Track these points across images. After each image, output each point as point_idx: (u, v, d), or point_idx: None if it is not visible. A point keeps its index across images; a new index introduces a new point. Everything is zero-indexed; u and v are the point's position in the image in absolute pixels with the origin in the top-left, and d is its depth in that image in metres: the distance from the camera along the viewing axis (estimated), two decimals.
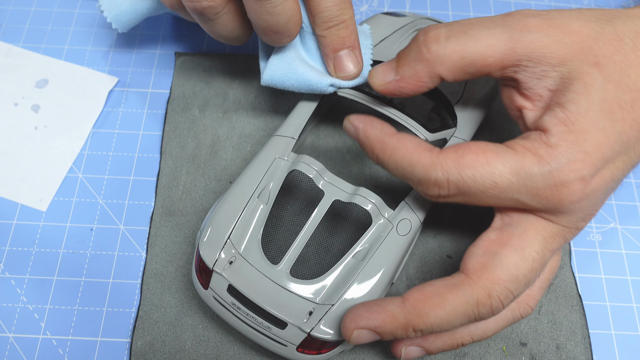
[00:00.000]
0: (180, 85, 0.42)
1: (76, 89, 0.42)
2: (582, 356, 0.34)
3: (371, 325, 0.27)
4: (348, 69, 0.33)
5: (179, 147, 0.39)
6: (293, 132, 0.34)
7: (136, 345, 0.33)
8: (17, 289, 0.35)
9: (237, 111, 0.41)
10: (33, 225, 0.37)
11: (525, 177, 0.26)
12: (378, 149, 0.28)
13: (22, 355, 0.33)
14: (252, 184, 0.32)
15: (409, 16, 0.39)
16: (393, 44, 0.36)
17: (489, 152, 0.26)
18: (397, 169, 0.28)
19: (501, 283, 0.26)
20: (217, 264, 0.30)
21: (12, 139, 0.40)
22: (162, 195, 0.38)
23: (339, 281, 0.30)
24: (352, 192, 0.31)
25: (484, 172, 0.26)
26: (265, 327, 0.29)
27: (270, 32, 0.31)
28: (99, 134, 0.40)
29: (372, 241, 0.31)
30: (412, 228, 0.31)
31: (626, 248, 0.37)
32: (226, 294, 0.30)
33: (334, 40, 0.32)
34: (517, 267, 0.27)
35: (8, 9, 0.45)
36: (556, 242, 0.28)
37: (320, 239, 0.31)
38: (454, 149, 0.27)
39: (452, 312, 0.26)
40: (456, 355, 0.33)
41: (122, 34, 0.44)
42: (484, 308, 0.27)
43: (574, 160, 0.26)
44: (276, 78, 0.34)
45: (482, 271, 0.27)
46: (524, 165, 0.26)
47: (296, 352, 0.29)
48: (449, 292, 0.27)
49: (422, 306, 0.26)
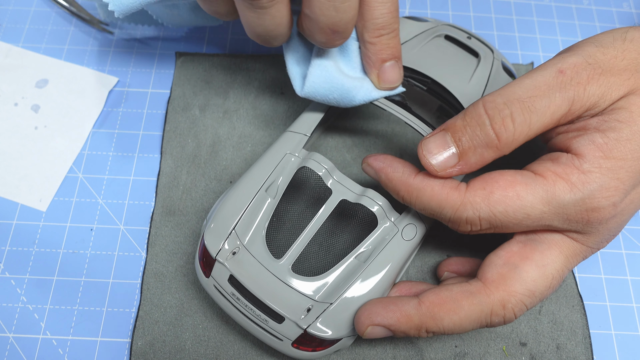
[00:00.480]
0: (181, 85, 0.42)
1: (76, 89, 0.42)
2: (583, 356, 0.34)
3: (386, 323, 0.27)
4: (394, 80, 0.32)
5: (180, 146, 0.39)
6: (306, 129, 0.34)
7: (136, 345, 0.33)
8: (17, 289, 0.35)
9: (238, 111, 0.41)
10: (33, 225, 0.37)
11: (557, 205, 0.26)
12: (403, 192, 0.28)
13: (22, 355, 0.33)
14: (261, 177, 0.32)
15: (430, 21, 0.39)
16: (413, 48, 0.36)
17: (518, 184, 0.26)
18: (426, 209, 0.28)
19: (517, 297, 0.27)
20: (220, 254, 0.30)
21: (12, 139, 0.40)
22: (162, 195, 0.38)
23: (340, 281, 0.30)
24: (360, 192, 0.32)
25: (515, 206, 0.26)
26: (263, 320, 0.29)
27: (329, 30, 0.29)
28: (99, 134, 0.40)
29: (376, 243, 0.31)
30: (418, 234, 0.31)
31: (626, 248, 0.37)
32: (227, 283, 0.30)
33: (383, 49, 0.31)
34: (535, 283, 0.27)
35: (8, 9, 0.45)
36: (576, 260, 0.28)
37: (324, 237, 0.31)
38: (481, 184, 0.27)
39: (465, 318, 0.27)
40: (456, 356, 0.33)
41: (122, 34, 0.44)
42: (497, 318, 0.27)
43: (607, 188, 0.25)
44: (319, 90, 0.32)
45: (500, 282, 0.27)
46: (555, 194, 0.26)
47: (291, 348, 0.30)
48: (465, 299, 0.27)
49: (437, 310, 0.27)
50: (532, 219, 0.26)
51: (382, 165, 0.29)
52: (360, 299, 0.29)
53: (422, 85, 0.35)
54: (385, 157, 0.29)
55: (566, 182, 0.26)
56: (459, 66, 0.36)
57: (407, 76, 0.35)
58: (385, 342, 0.34)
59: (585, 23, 0.47)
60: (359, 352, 0.33)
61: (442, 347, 0.34)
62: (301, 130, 0.34)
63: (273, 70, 0.42)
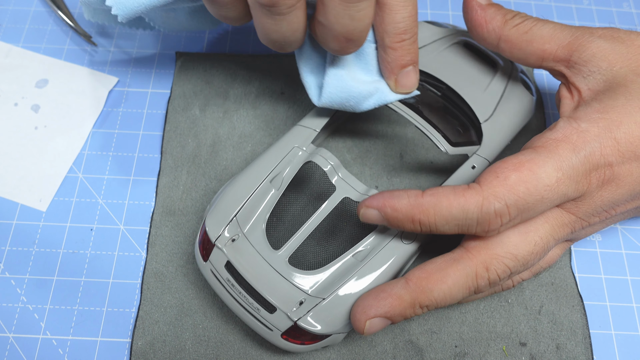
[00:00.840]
0: (181, 85, 0.42)
1: (76, 89, 0.42)
2: (583, 356, 0.34)
3: (381, 312, 0.27)
4: (411, 85, 0.32)
5: (180, 146, 0.39)
6: (316, 124, 0.34)
7: (136, 345, 0.33)
8: (17, 289, 0.35)
9: (238, 111, 0.41)
10: (33, 225, 0.37)
11: (567, 167, 0.26)
12: (418, 215, 0.27)
13: (22, 355, 0.33)
14: (267, 168, 0.32)
15: (450, 27, 0.39)
16: (431, 52, 0.36)
17: (525, 162, 0.27)
18: (449, 222, 0.27)
19: (499, 259, 0.28)
20: (220, 239, 0.30)
21: (12, 139, 0.40)
22: (162, 194, 0.38)
23: (335, 277, 0.30)
24: (363, 192, 0.32)
25: (534, 181, 0.26)
26: (255, 308, 0.30)
27: (343, 39, 0.28)
28: (99, 134, 0.40)
29: (374, 244, 0.31)
30: (417, 238, 0.31)
31: (626, 248, 0.37)
32: (223, 269, 0.30)
33: (404, 54, 0.30)
34: (517, 248, 0.28)
35: (8, 9, 0.45)
36: (563, 231, 0.29)
37: (324, 232, 0.31)
38: (492, 176, 0.27)
39: (453, 285, 0.27)
40: (456, 356, 0.33)
41: (122, 34, 0.44)
42: (482, 280, 0.28)
43: (605, 146, 0.26)
44: (335, 100, 0.32)
45: (482, 247, 0.28)
46: (561, 156, 0.26)
47: (280, 339, 0.30)
48: (450, 267, 0.28)
49: (425, 283, 0.27)
50: (552, 189, 0.26)
51: (383, 200, 0.28)
52: (353, 297, 0.29)
53: (437, 90, 0.35)
54: (381, 193, 0.28)
55: (567, 144, 0.27)
56: (476, 75, 0.36)
57: (423, 80, 0.35)
58: (385, 342, 0.34)
59: (585, 23, 0.47)
60: (359, 352, 0.33)
61: (442, 347, 0.34)
62: (311, 125, 0.34)
63: (273, 70, 0.42)
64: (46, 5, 0.45)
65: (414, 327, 0.34)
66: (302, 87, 0.41)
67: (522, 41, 0.30)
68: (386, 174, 0.39)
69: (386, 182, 0.38)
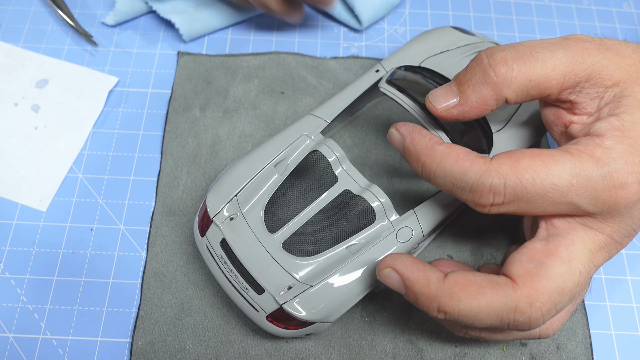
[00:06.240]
0: (182, 85, 0.42)
1: (76, 89, 0.42)
2: (583, 356, 0.34)
3: (405, 274, 0.27)
4: None
5: (180, 146, 0.39)
6: (328, 115, 0.35)
7: (137, 345, 0.33)
8: (17, 289, 0.35)
9: (238, 111, 0.41)
10: (33, 225, 0.37)
11: (584, 178, 0.25)
12: (425, 156, 0.28)
13: (22, 355, 0.33)
14: (273, 152, 0.33)
15: (477, 36, 0.39)
16: (451, 58, 0.36)
17: (545, 155, 0.26)
18: (446, 176, 0.27)
19: (546, 294, 0.25)
20: (218, 217, 0.31)
21: (12, 139, 0.40)
22: (162, 194, 0.38)
23: (326, 267, 0.30)
24: (364, 186, 0.32)
25: (543, 174, 0.25)
26: (244, 287, 0.30)
27: None
28: (99, 134, 0.40)
29: (369, 239, 0.31)
30: (413, 238, 0.31)
31: (626, 248, 0.37)
32: (218, 246, 0.31)
33: None
34: (563, 279, 0.26)
35: (8, 9, 0.45)
36: (601, 256, 0.27)
37: (320, 221, 0.32)
38: (507, 154, 0.26)
39: (485, 307, 0.26)
40: (456, 356, 0.33)
41: (122, 34, 0.44)
42: (522, 317, 0.26)
43: (632, 163, 0.25)
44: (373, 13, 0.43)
45: (527, 278, 0.26)
46: (582, 166, 0.25)
47: (265, 320, 0.30)
48: (490, 288, 0.26)
49: (458, 290, 0.26)
50: (560, 191, 0.25)
51: (411, 130, 0.29)
52: (340, 288, 0.30)
53: None
54: (414, 125, 0.29)
55: (591, 157, 0.25)
56: None
57: (439, 84, 0.35)
58: (386, 342, 0.34)
59: (585, 23, 0.47)
60: (359, 352, 0.33)
61: (442, 347, 0.34)
62: (322, 116, 0.34)
63: (273, 70, 0.42)
64: (46, 5, 0.45)
65: (414, 327, 0.34)
66: (302, 87, 0.41)
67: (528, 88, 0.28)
68: (386, 174, 0.39)
69: (386, 182, 0.38)
